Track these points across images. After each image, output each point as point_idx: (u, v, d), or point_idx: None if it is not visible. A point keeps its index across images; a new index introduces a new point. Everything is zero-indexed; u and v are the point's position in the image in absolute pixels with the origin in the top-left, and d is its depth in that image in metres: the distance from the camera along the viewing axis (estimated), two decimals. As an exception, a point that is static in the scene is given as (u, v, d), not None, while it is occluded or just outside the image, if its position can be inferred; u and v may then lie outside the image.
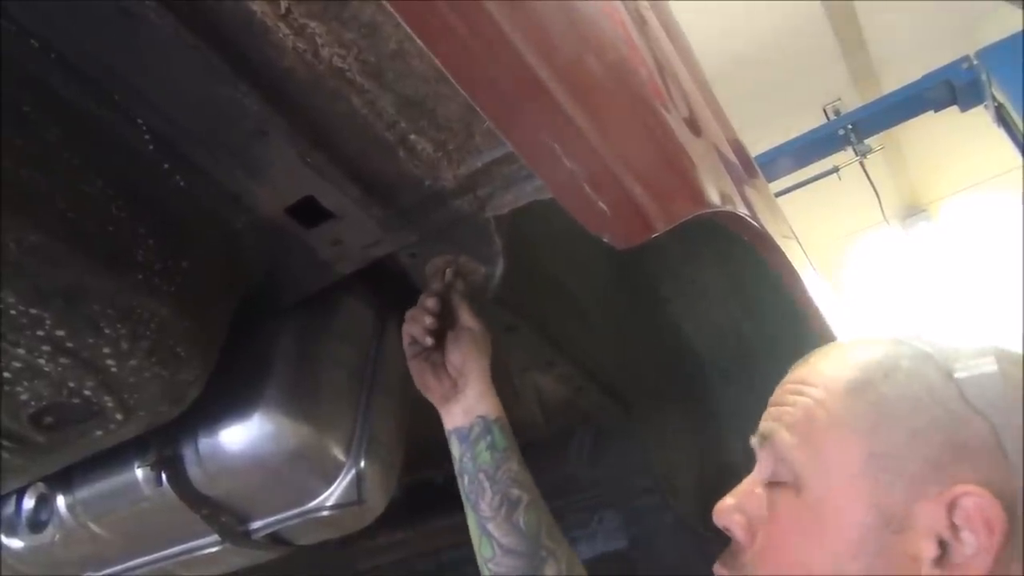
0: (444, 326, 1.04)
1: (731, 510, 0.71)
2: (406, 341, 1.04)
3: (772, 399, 0.74)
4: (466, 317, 1.04)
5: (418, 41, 0.64)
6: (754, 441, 0.73)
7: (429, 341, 1.02)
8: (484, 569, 1.00)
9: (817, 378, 0.69)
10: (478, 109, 0.67)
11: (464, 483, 1.02)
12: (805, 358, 0.74)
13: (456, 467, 1.03)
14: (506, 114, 0.70)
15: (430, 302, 1.03)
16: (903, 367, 0.66)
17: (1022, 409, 0.62)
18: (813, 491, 0.65)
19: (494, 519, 0.99)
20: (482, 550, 1.00)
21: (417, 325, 1.03)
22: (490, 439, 1.01)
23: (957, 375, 0.64)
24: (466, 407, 1.03)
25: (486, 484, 1.00)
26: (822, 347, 0.76)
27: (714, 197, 0.96)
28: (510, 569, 0.98)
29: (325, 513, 1.01)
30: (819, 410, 0.67)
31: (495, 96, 0.69)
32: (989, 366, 0.65)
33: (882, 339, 0.71)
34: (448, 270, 1.03)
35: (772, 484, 0.69)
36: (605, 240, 0.76)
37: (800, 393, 0.69)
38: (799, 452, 0.66)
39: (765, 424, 0.72)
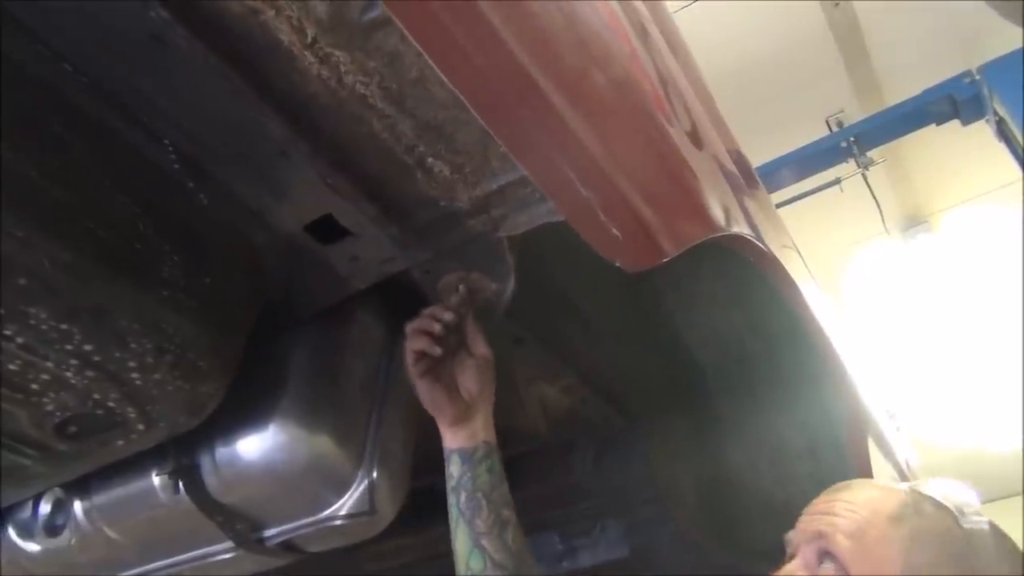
0: (450, 347, 1.07)
1: None
2: (411, 358, 1.06)
3: (820, 508, 0.94)
4: (482, 346, 1.09)
5: (438, 71, 0.66)
6: (793, 536, 0.93)
7: (438, 350, 1.04)
8: None
9: (865, 504, 0.91)
10: (497, 139, 0.70)
11: (461, 500, 1.07)
12: (845, 484, 0.98)
13: (451, 484, 1.09)
14: (523, 143, 0.73)
15: (445, 315, 1.05)
16: (928, 510, 0.90)
17: (1005, 562, 0.89)
18: None
19: (488, 535, 1.05)
20: (471, 562, 1.06)
21: (423, 339, 1.05)
22: (490, 463, 1.09)
23: (965, 525, 0.88)
24: (473, 431, 1.08)
25: (483, 503, 1.06)
26: (859, 480, 1.01)
27: (717, 213, 0.98)
28: None
29: (337, 522, 1.03)
30: (870, 528, 0.88)
31: (513, 125, 0.72)
32: (985, 524, 0.90)
33: (905, 486, 0.96)
34: (461, 286, 1.05)
35: (821, 572, 0.88)
36: (618, 264, 0.78)
37: (853, 511, 0.90)
38: (853, 555, 0.87)
39: (818, 526, 0.90)
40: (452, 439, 1.09)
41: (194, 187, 0.86)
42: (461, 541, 1.06)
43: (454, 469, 1.08)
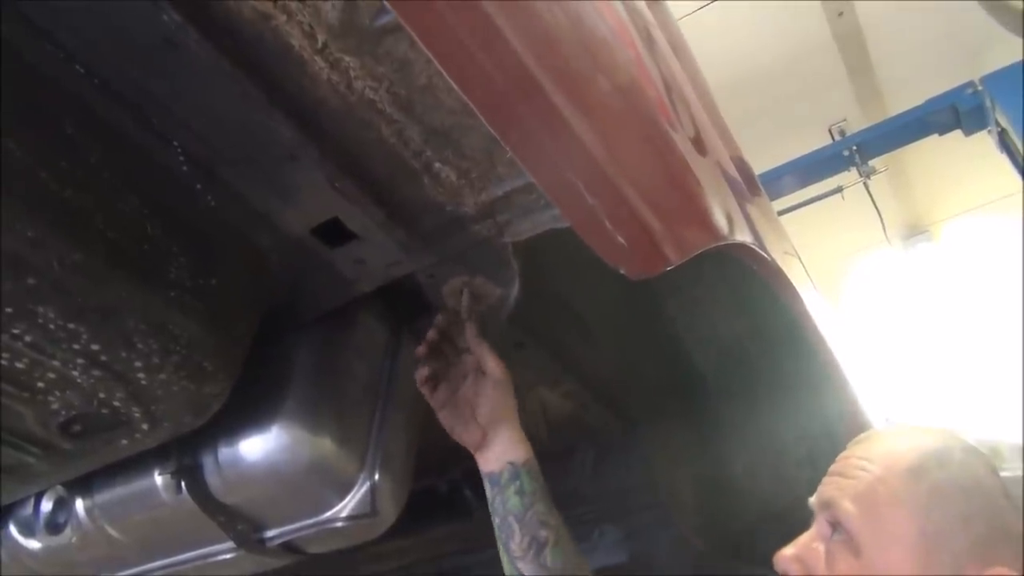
0: (461, 369, 1.07)
1: (791, 560, 0.83)
2: (419, 382, 1.06)
3: (834, 468, 0.85)
4: (492, 365, 1.07)
5: (447, 77, 0.67)
6: (813, 502, 0.85)
7: (425, 371, 1.04)
8: None
9: (880, 458, 0.82)
10: (505, 145, 0.70)
11: (496, 523, 1.07)
12: (867, 435, 0.88)
13: (489, 507, 1.08)
14: (530, 148, 0.74)
15: (437, 317, 1.06)
16: (956, 459, 0.80)
17: None
18: (869, 556, 0.77)
19: (523, 558, 1.04)
20: None
21: (422, 347, 1.06)
22: (519, 484, 1.06)
23: (1002, 473, 0.79)
24: (497, 454, 1.07)
25: (515, 527, 1.05)
26: (881, 429, 0.92)
27: (720, 220, 0.99)
28: None
29: (339, 524, 1.04)
30: (880, 486, 0.79)
31: (519, 130, 0.72)
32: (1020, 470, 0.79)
33: (937, 430, 0.86)
34: (466, 291, 1.05)
35: (832, 543, 0.80)
36: (622, 272, 0.79)
37: (863, 469, 0.81)
38: (859, 521, 0.79)
39: (828, 491, 0.83)
40: (480, 463, 1.09)
41: (202, 189, 0.86)
42: (504, 563, 1.06)
43: (487, 492, 1.08)
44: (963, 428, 0.88)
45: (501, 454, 1.07)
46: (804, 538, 0.84)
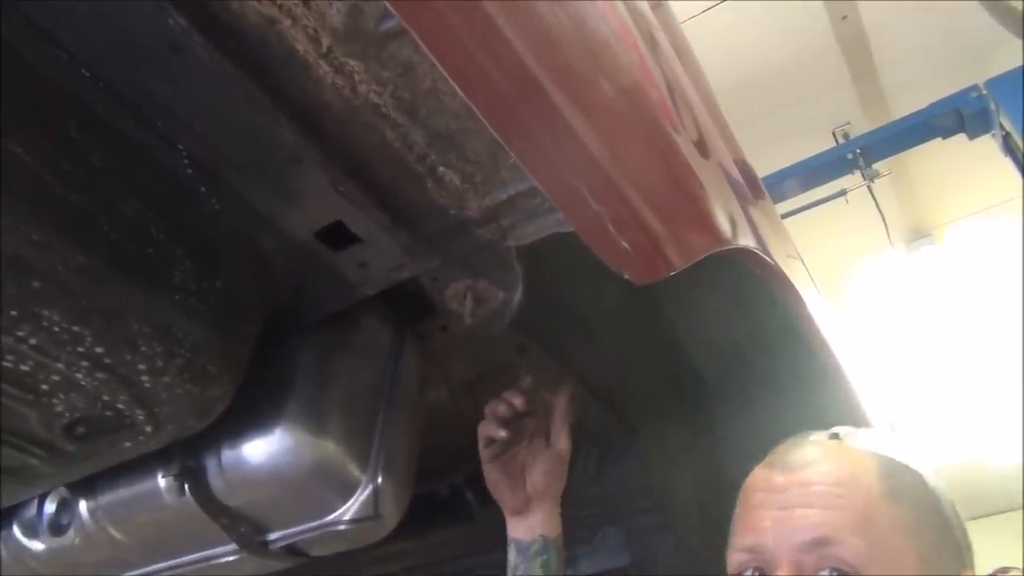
0: (524, 434, 1.07)
1: None
2: (482, 443, 1.06)
3: (787, 501, 0.76)
4: (564, 442, 1.07)
5: (451, 81, 0.67)
6: (768, 540, 0.75)
7: (502, 434, 1.04)
8: None
9: (849, 482, 0.75)
10: (509, 150, 0.71)
11: None
12: (798, 458, 0.80)
13: (509, 569, 1.08)
14: (533, 152, 0.74)
15: (516, 399, 1.05)
16: (911, 470, 0.78)
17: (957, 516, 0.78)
18: None
19: None
20: None
21: (491, 424, 1.05)
22: (546, 558, 1.06)
23: (932, 485, 0.77)
24: (532, 524, 1.07)
25: None
26: (798, 443, 0.84)
27: (723, 223, 0.99)
28: None
29: (342, 527, 1.04)
30: (874, 515, 0.73)
31: (523, 133, 0.72)
32: (936, 479, 0.79)
33: (860, 437, 0.83)
34: (468, 296, 1.05)
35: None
36: (626, 277, 0.79)
37: (841, 497, 0.74)
38: (868, 557, 0.71)
39: (817, 530, 0.73)
40: (511, 527, 1.08)
41: (206, 192, 0.87)
42: None
43: (511, 556, 1.08)
44: (864, 439, 0.85)
45: (536, 525, 1.07)
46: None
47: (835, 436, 0.86)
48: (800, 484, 0.76)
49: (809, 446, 0.84)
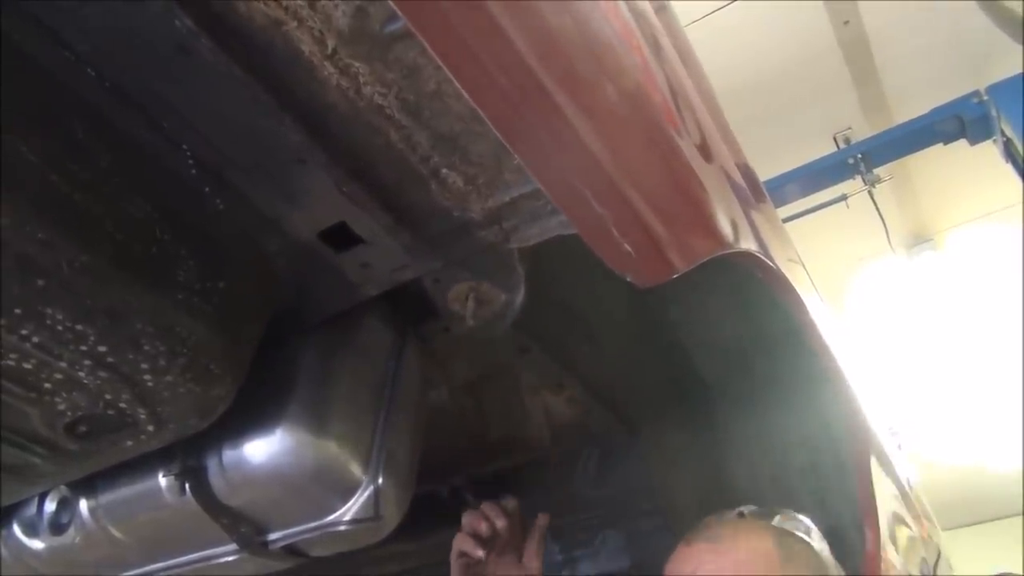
0: (497, 550, 1.12)
1: None
2: (454, 554, 1.08)
3: (707, 569, 0.98)
4: (535, 565, 1.12)
5: (456, 83, 0.67)
6: None
7: (479, 554, 1.07)
8: None
9: (750, 560, 0.95)
10: (513, 153, 0.71)
11: None
12: (706, 543, 1.02)
13: None
14: (537, 155, 0.74)
15: (498, 521, 1.09)
16: (796, 544, 0.97)
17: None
18: None
19: None
20: None
21: (469, 540, 1.09)
22: None
23: (818, 548, 0.96)
24: None
25: None
26: (704, 533, 1.06)
27: (726, 227, 0.99)
28: None
29: (342, 528, 1.03)
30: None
31: (527, 136, 0.73)
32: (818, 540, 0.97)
33: (768, 516, 1.03)
34: (470, 298, 1.06)
35: None
36: (628, 280, 0.79)
37: (748, 563, 0.94)
38: None
39: None
40: None
41: (211, 193, 0.87)
42: None
43: None
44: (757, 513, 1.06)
45: None
46: None
47: (741, 514, 1.08)
48: (716, 553, 0.97)
49: (721, 524, 1.04)
